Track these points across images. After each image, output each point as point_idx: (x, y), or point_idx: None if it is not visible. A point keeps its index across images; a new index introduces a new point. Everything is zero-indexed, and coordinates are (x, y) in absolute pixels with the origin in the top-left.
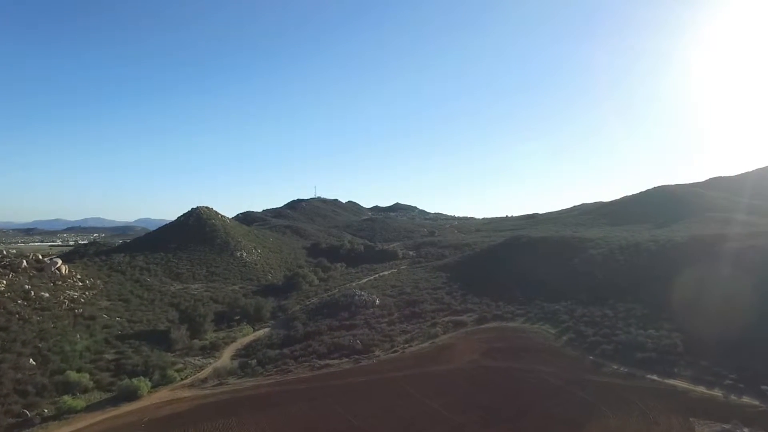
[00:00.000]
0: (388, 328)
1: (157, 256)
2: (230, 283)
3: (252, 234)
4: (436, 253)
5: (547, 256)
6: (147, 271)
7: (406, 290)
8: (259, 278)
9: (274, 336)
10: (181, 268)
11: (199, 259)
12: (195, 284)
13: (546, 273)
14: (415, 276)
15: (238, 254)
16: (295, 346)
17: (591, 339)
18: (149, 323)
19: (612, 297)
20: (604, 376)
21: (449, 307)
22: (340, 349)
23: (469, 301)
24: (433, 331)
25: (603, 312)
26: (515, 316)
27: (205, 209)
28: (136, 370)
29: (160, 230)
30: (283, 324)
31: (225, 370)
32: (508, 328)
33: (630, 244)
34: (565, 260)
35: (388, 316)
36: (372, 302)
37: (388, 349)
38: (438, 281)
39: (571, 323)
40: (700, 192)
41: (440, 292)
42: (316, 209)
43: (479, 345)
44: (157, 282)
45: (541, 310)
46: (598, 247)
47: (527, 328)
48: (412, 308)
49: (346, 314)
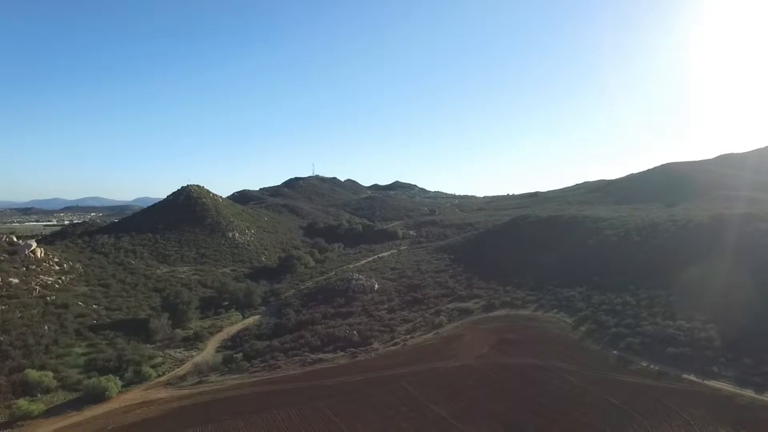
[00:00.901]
0: (387, 316)
1: (144, 238)
2: (221, 266)
3: (246, 213)
4: (438, 233)
5: (558, 237)
6: (132, 254)
7: (406, 273)
8: (252, 260)
9: (264, 325)
10: (168, 249)
11: (189, 240)
12: (183, 267)
13: (557, 255)
14: (417, 257)
15: (230, 235)
16: (286, 337)
17: (613, 330)
18: (129, 311)
19: (632, 282)
20: (633, 375)
21: (453, 293)
22: (335, 341)
23: (475, 285)
24: (437, 320)
25: (623, 299)
26: (526, 302)
27: (196, 187)
28: (108, 366)
29: (149, 210)
30: (275, 311)
31: (207, 366)
32: (519, 317)
33: (647, 224)
34: (577, 241)
35: (388, 302)
36: (370, 287)
37: (387, 340)
38: (441, 263)
39: (589, 312)
40: (709, 169)
41: (443, 276)
42: (314, 188)
43: (488, 336)
44: (143, 265)
45: (554, 296)
46: (612, 227)
47: (540, 317)
48: (413, 293)
49: (342, 300)
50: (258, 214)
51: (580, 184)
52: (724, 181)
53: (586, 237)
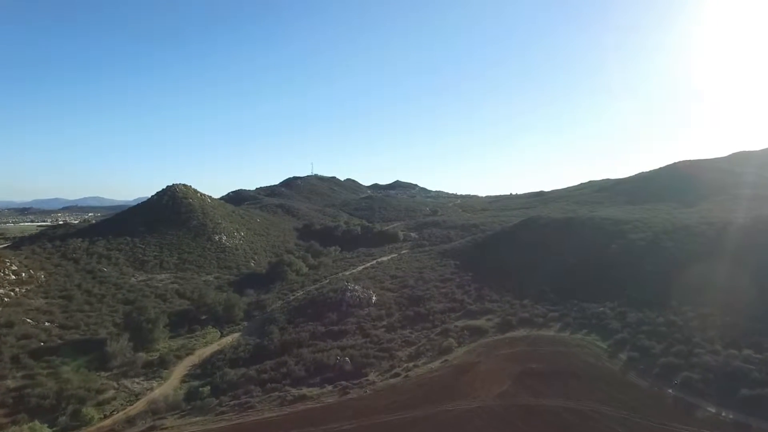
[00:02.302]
0: (386, 337)
1: (121, 241)
2: (204, 273)
3: (235, 215)
4: (441, 235)
5: (575, 240)
6: (106, 260)
7: (408, 282)
8: (239, 266)
9: (242, 346)
10: (147, 255)
11: (170, 244)
12: (162, 274)
13: (578, 262)
14: (419, 263)
15: (217, 238)
16: (266, 363)
17: (662, 360)
18: (88, 329)
19: (672, 296)
20: (703, 425)
21: (462, 306)
22: (324, 370)
23: (486, 297)
24: (444, 342)
25: (666, 318)
26: (548, 320)
27: (182, 187)
28: (43, 404)
29: (131, 211)
30: (258, 327)
31: (165, 403)
32: (543, 340)
33: (677, 227)
34: (599, 247)
35: (387, 317)
36: (367, 299)
37: (386, 370)
38: (446, 270)
39: (627, 334)
40: (723, 167)
41: (450, 285)
42: (312, 187)
43: (509, 366)
44: (115, 273)
45: (580, 312)
46: (637, 230)
47: (568, 340)
48: (416, 307)
49: (334, 316)
50: (250, 215)
51: (585, 184)
52: (739, 180)
53: (608, 241)
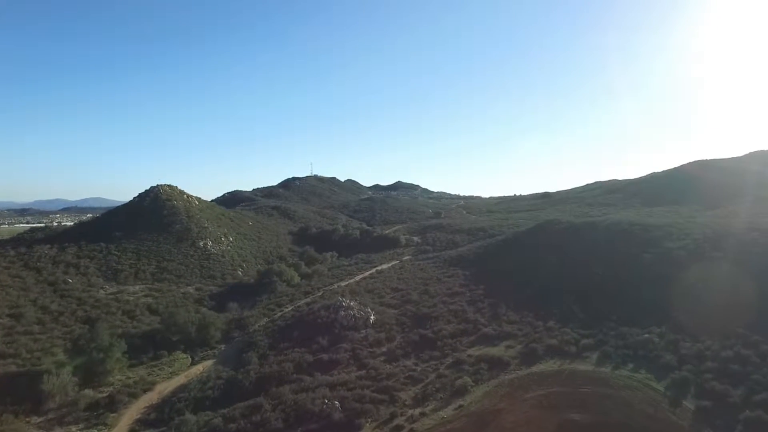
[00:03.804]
0: (386, 369)
1: (94, 248)
2: (184, 284)
3: (225, 218)
4: (446, 240)
5: (600, 249)
6: (74, 269)
7: (411, 297)
8: (224, 275)
9: (213, 380)
10: (122, 263)
11: (149, 251)
12: (135, 286)
13: (606, 275)
14: (423, 273)
15: (202, 244)
16: (237, 406)
17: (747, 415)
18: (29, 358)
19: (733, 323)
20: None
21: (475, 328)
22: (307, 420)
23: (503, 317)
24: (458, 381)
25: (736, 351)
26: (582, 349)
27: (166, 188)
28: None
29: (109, 214)
30: (235, 353)
31: None
32: (580, 377)
33: (719, 234)
34: (630, 256)
35: (387, 342)
36: (364, 319)
37: (385, 420)
38: (454, 282)
39: (689, 373)
40: (741, 167)
41: (459, 301)
42: (311, 188)
43: (542, 416)
44: (82, 284)
45: (619, 337)
46: (672, 237)
47: (613, 379)
48: (421, 329)
49: (325, 340)
50: (241, 218)
51: (591, 185)
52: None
53: (639, 250)
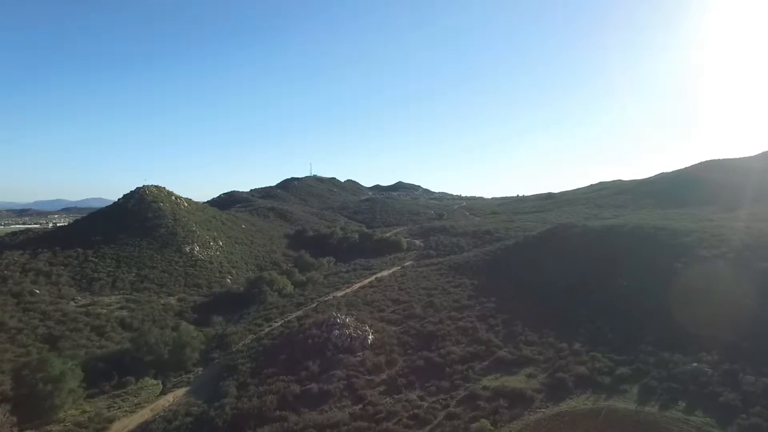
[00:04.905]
0: (386, 405)
1: (70, 254)
2: (165, 293)
3: (216, 221)
4: (450, 244)
5: (624, 256)
6: (45, 277)
7: (415, 310)
8: (211, 283)
9: (181, 417)
10: (99, 271)
11: (130, 258)
12: (111, 296)
13: (634, 287)
14: (427, 282)
15: (188, 249)
16: None
17: None
18: None
19: None
20: None
21: (489, 351)
22: None
23: (520, 336)
24: (474, 426)
25: None
26: (618, 380)
27: (152, 189)
28: None
29: (91, 217)
30: (213, 379)
31: None
32: (621, 418)
33: (761, 242)
34: (659, 266)
35: (387, 367)
36: (361, 339)
37: None
38: (461, 293)
39: (760, 417)
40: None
41: (469, 316)
42: (310, 189)
43: None
44: (51, 295)
45: (661, 366)
46: (705, 244)
47: (662, 421)
48: (426, 351)
49: (315, 366)
50: (234, 220)
51: (596, 185)
52: None
53: (669, 258)
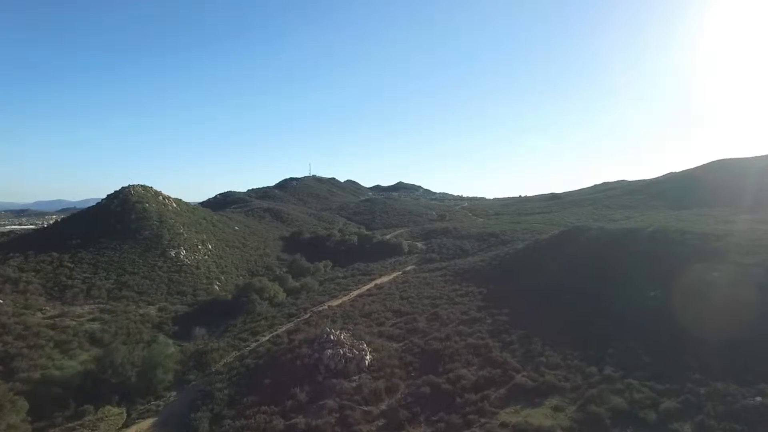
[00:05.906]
0: None
1: (43, 259)
2: (145, 302)
3: (206, 222)
4: (453, 247)
5: (648, 263)
6: (12, 284)
7: (418, 324)
8: (197, 290)
9: None
10: (74, 277)
11: (109, 263)
12: (85, 306)
13: (664, 299)
14: (431, 290)
15: (173, 253)
16: None
17: None
18: None
19: None
20: None
21: (505, 375)
22: None
23: (539, 356)
24: None
25: None
26: (665, 416)
27: (139, 188)
28: None
29: (70, 219)
30: (185, 408)
31: None
32: None
33: None
34: (690, 275)
35: (387, 395)
36: (357, 360)
37: None
38: (470, 303)
39: None
40: None
41: (479, 330)
42: (308, 189)
43: None
44: (16, 305)
45: (716, 399)
46: (741, 250)
47: None
48: (433, 374)
49: (304, 393)
50: (227, 222)
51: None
52: None
53: (704, 267)
